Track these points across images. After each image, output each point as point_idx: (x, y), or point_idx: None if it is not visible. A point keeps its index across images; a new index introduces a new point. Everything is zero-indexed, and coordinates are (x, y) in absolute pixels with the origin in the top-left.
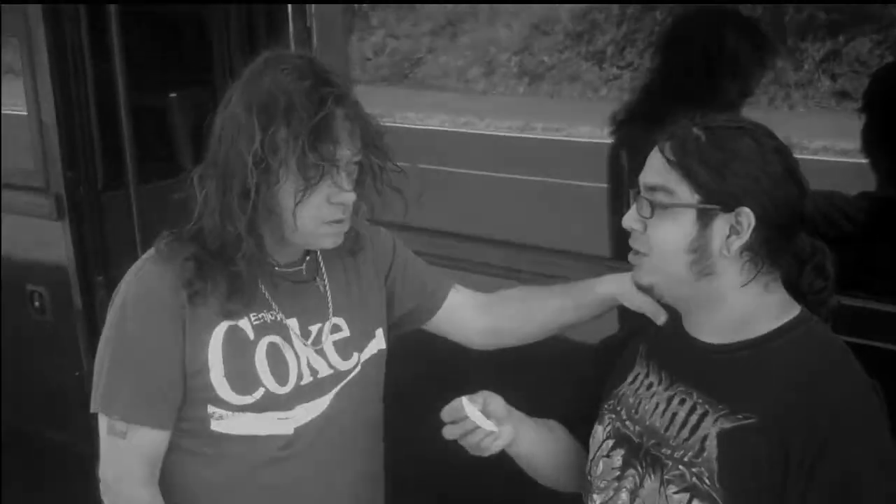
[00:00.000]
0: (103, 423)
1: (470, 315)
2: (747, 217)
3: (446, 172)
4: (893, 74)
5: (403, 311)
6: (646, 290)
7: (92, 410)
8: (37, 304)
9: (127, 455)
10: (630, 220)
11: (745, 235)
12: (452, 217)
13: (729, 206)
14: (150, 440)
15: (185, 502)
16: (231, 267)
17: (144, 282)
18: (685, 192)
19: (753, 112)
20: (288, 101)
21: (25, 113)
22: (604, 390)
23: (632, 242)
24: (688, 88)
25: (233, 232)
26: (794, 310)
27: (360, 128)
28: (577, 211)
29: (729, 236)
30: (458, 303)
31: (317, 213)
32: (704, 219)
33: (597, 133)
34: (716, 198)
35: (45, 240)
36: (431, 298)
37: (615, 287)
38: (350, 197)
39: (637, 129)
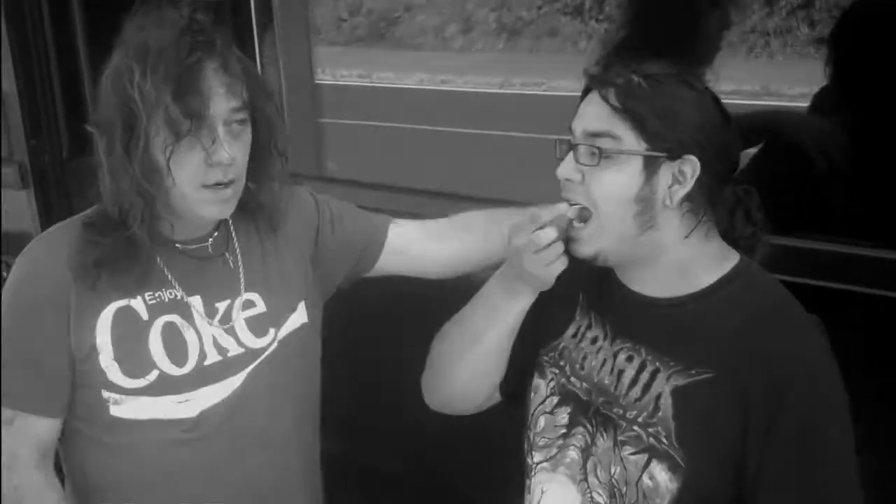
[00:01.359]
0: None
1: (422, 247)
2: (692, 165)
3: (426, 131)
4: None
5: (347, 268)
6: (591, 259)
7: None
8: (4, 274)
9: (16, 441)
10: (567, 169)
11: (689, 184)
12: (434, 175)
13: (675, 154)
14: (38, 427)
15: (97, 491)
16: (126, 233)
17: (25, 269)
18: (632, 139)
19: (733, 61)
20: (160, 45)
21: None
22: (539, 338)
23: (567, 194)
24: (665, 21)
25: (124, 191)
26: (733, 257)
27: (244, 83)
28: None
29: (672, 185)
30: (404, 239)
31: (194, 175)
32: (650, 167)
33: (576, 87)
34: (663, 146)
35: (11, 209)
36: (370, 244)
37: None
38: (225, 156)
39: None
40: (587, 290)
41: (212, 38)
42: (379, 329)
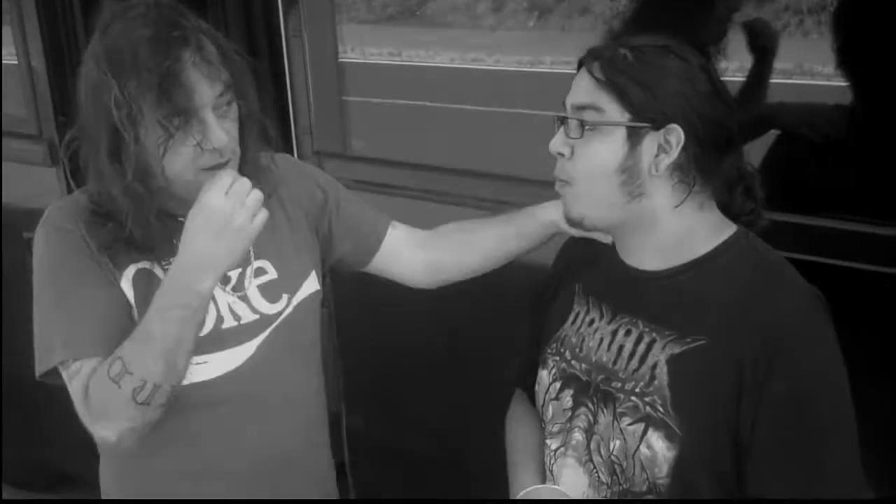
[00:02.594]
0: (64, 376)
1: (409, 253)
2: (676, 134)
3: (455, 109)
4: None
5: (341, 254)
6: (577, 223)
7: (39, 376)
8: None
9: (84, 373)
10: (557, 143)
11: (674, 153)
12: (462, 153)
13: (659, 124)
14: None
15: (123, 455)
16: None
17: (53, 229)
18: (615, 111)
19: None
20: (133, 51)
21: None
22: (542, 336)
23: (557, 172)
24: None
25: (113, 194)
26: (729, 228)
27: (222, 64)
28: None
29: (657, 154)
30: (397, 241)
31: (191, 163)
32: (634, 137)
33: None
34: (646, 115)
35: (40, 187)
36: (368, 239)
37: (555, 213)
38: (220, 139)
39: None
40: (582, 278)
41: (182, 29)
42: (402, 309)
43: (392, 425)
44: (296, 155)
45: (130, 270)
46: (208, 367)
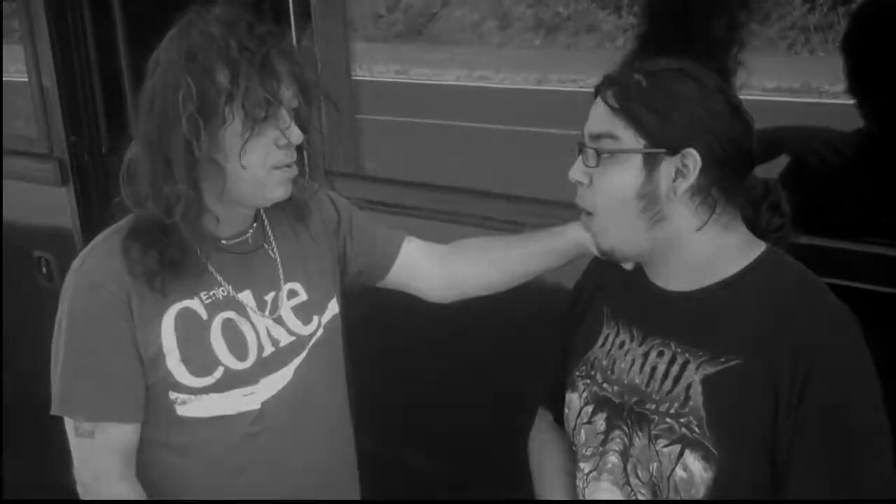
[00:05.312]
0: (69, 426)
1: (427, 267)
2: (693, 158)
3: (463, 127)
4: (870, 12)
5: (356, 270)
6: (608, 255)
7: (53, 412)
8: (44, 270)
9: (99, 454)
10: (576, 172)
11: (692, 177)
12: (467, 172)
13: (674, 149)
14: (120, 435)
15: (165, 494)
16: (173, 236)
17: (87, 278)
18: (630, 138)
19: (774, 58)
20: (224, 44)
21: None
22: (570, 359)
23: (578, 201)
24: (676, 24)
25: (171, 189)
26: (759, 247)
27: (296, 71)
28: None
29: (675, 179)
30: (414, 255)
31: (265, 158)
32: (651, 163)
33: None
34: (661, 141)
35: (51, 206)
36: (384, 255)
37: (583, 232)
38: (297, 135)
39: None
40: (611, 301)
41: (270, 27)
42: (415, 326)
43: (400, 442)
44: (307, 175)
45: (172, 311)
46: (254, 398)
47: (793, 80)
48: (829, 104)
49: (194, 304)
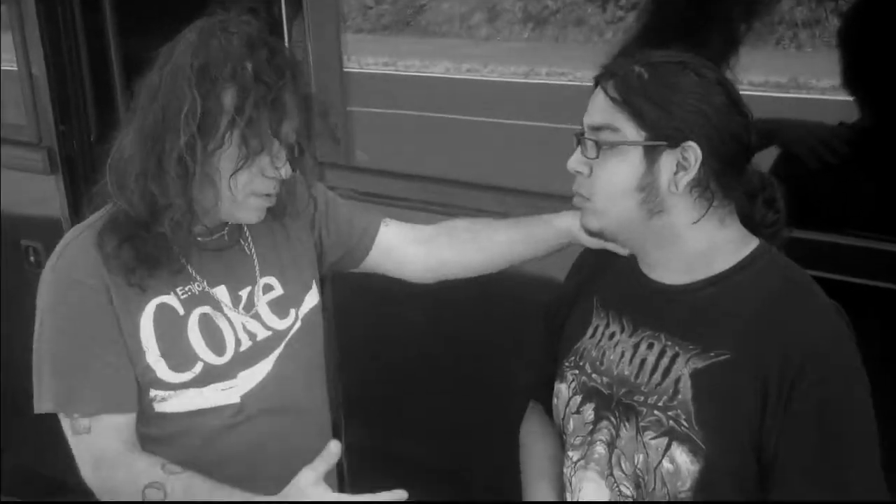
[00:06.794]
0: (65, 424)
1: (405, 249)
2: (693, 151)
3: (450, 119)
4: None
5: (334, 258)
6: (595, 233)
7: (38, 411)
8: (32, 258)
9: (99, 443)
10: (575, 162)
11: (693, 170)
12: (455, 164)
13: (675, 142)
14: (118, 423)
15: None
16: (156, 230)
17: (65, 275)
18: (631, 130)
19: (760, 53)
20: (240, 67)
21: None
22: (559, 349)
23: (575, 188)
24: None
25: (162, 195)
26: (752, 242)
27: (306, 104)
28: None
29: (676, 172)
30: (392, 238)
31: (249, 185)
32: (651, 156)
33: None
34: (662, 134)
35: (40, 194)
36: (360, 241)
37: (572, 221)
38: (288, 171)
39: None
40: (602, 292)
41: (295, 61)
42: (403, 317)
43: (390, 434)
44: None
45: (150, 307)
46: (232, 392)
47: (781, 75)
48: (816, 99)
49: (171, 299)
